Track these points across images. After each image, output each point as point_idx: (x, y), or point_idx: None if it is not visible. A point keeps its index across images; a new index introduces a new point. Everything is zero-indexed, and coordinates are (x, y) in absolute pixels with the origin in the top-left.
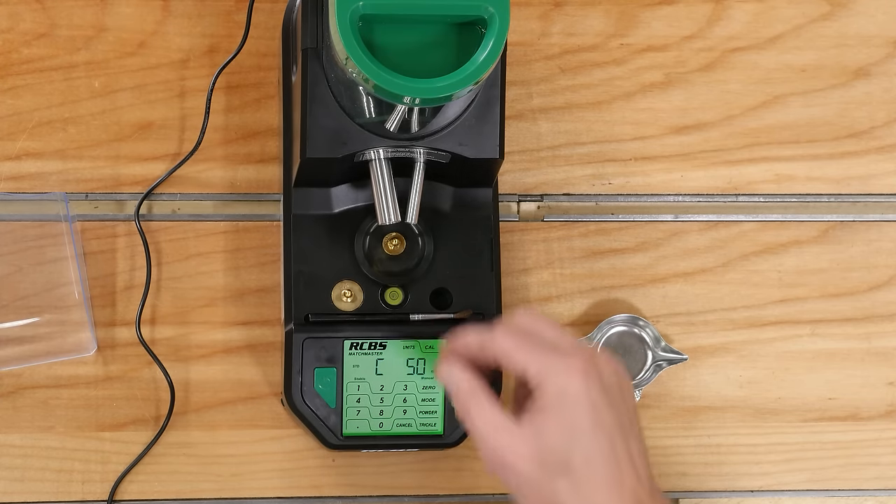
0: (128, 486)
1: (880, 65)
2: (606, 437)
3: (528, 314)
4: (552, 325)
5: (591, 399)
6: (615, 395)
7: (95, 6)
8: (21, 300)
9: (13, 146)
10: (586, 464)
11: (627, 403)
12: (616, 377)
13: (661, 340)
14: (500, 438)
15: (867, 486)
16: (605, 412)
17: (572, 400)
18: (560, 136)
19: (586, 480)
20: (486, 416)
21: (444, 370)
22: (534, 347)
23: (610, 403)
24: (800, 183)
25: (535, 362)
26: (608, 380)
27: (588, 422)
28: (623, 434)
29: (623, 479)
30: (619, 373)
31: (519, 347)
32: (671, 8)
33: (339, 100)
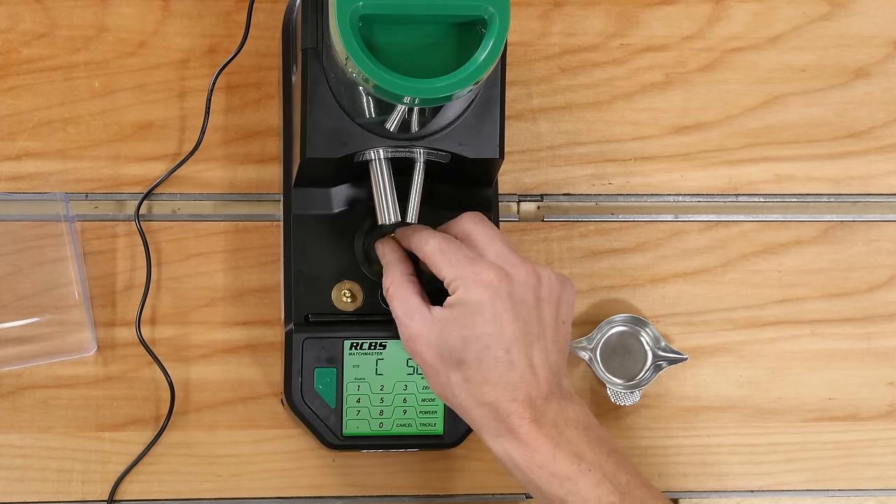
0: (128, 486)
1: (880, 65)
2: (502, 345)
3: (471, 216)
4: (489, 231)
5: (494, 310)
6: (525, 307)
7: (95, 6)
8: (21, 300)
9: (13, 146)
10: (478, 363)
11: (543, 315)
12: (531, 291)
13: (661, 340)
14: (412, 325)
15: (867, 486)
16: (507, 323)
17: (474, 308)
18: (560, 136)
19: (476, 377)
20: (405, 300)
21: (380, 246)
22: (454, 256)
23: (515, 316)
24: (800, 183)
25: (451, 270)
26: (520, 293)
27: (485, 329)
28: (524, 343)
29: (516, 381)
30: (538, 286)
31: (442, 254)
32: (671, 8)
33: (339, 100)
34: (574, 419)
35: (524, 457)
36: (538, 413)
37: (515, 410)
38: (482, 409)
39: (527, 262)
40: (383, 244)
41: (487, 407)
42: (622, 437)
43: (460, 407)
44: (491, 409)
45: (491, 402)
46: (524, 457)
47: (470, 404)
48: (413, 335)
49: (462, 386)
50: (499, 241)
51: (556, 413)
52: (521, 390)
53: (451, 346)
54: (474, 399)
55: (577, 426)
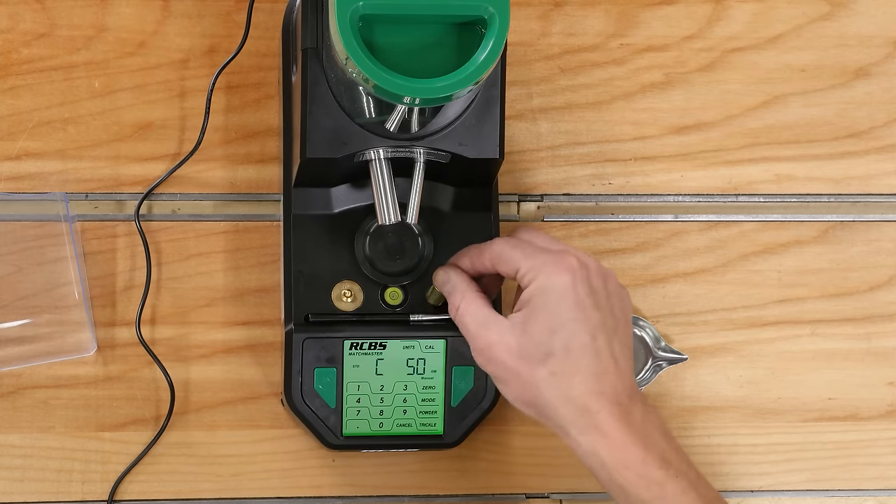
0: (128, 486)
1: (880, 65)
2: (588, 331)
3: (526, 228)
4: (548, 235)
5: (577, 294)
6: (601, 297)
7: (95, 6)
8: (21, 300)
9: (13, 146)
10: (565, 353)
11: (615, 308)
12: (604, 282)
13: (661, 340)
14: (488, 334)
15: (867, 486)
16: (589, 309)
17: (557, 295)
18: (560, 136)
19: (564, 369)
20: (475, 312)
21: (440, 274)
22: (526, 249)
23: (595, 303)
24: (800, 183)
25: (526, 261)
26: (595, 282)
27: (571, 314)
28: (606, 333)
29: (602, 372)
30: (609, 279)
31: (513, 248)
32: (671, 8)
33: (339, 100)
34: (657, 424)
35: (612, 456)
36: (625, 411)
37: (605, 406)
38: (570, 405)
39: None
40: (445, 271)
41: (576, 402)
42: None
43: (547, 405)
44: (579, 403)
45: (579, 395)
46: (612, 456)
47: (558, 401)
48: (490, 343)
49: (549, 381)
50: (559, 242)
51: (643, 415)
52: (607, 382)
53: (536, 341)
54: (562, 394)
55: (662, 431)
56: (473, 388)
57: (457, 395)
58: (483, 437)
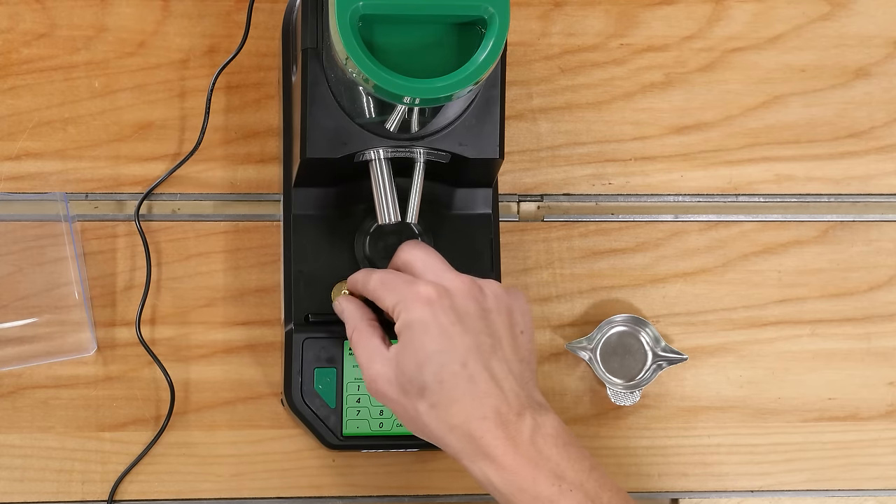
0: (128, 486)
1: (880, 65)
2: (457, 359)
3: (407, 245)
4: (426, 254)
5: (439, 324)
6: (472, 319)
7: (95, 6)
8: (21, 300)
9: (13, 146)
10: (439, 385)
11: (494, 325)
12: (476, 301)
13: (661, 340)
14: (373, 367)
15: (867, 486)
16: (455, 336)
17: (419, 328)
18: (560, 136)
19: (441, 401)
20: (365, 345)
21: (337, 305)
22: (394, 284)
23: (464, 329)
24: (800, 183)
25: (391, 298)
26: (463, 305)
27: (435, 346)
28: (480, 355)
29: (480, 396)
30: (487, 296)
31: (384, 287)
32: (671, 8)
33: (339, 100)
34: (552, 435)
35: (503, 481)
36: (512, 431)
37: (488, 430)
38: (455, 433)
39: (466, 276)
40: (339, 301)
41: (459, 430)
42: (622, 437)
43: (433, 436)
44: (463, 431)
45: (461, 424)
46: (503, 481)
47: (442, 431)
48: (374, 377)
49: (430, 413)
50: (436, 261)
51: (532, 430)
52: (488, 406)
53: (408, 375)
54: (445, 424)
55: (555, 443)
56: None
57: None
58: None
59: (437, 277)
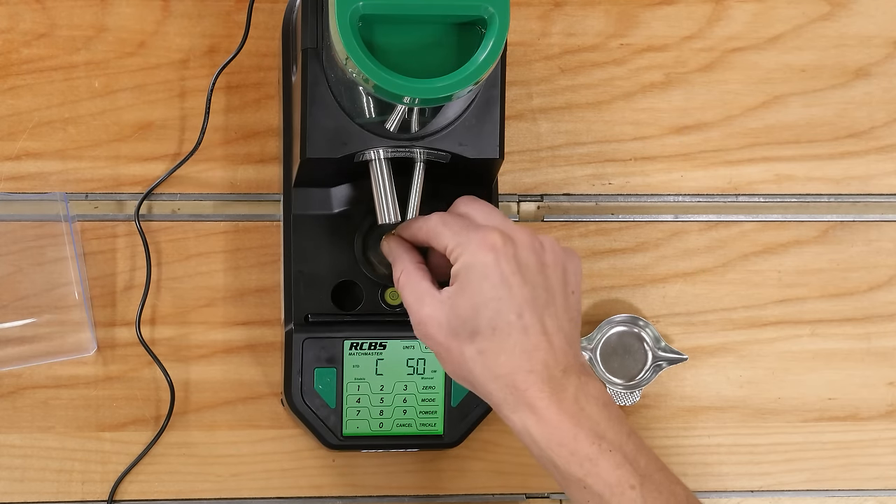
0: (128, 486)
1: (880, 65)
2: (513, 308)
3: (467, 198)
4: (485, 205)
5: (501, 272)
6: (531, 271)
7: (95, 6)
8: (21, 300)
9: (13, 146)
10: (491, 331)
11: (550, 281)
12: (536, 255)
13: (661, 340)
14: (423, 308)
15: (867, 486)
16: (515, 287)
17: (480, 272)
18: (560, 136)
19: (491, 347)
20: (414, 287)
21: (384, 244)
22: (456, 226)
23: (523, 280)
24: (800, 183)
25: (452, 238)
26: (525, 257)
27: (494, 293)
28: (535, 308)
29: (531, 349)
30: (546, 251)
31: (444, 226)
32: (671, 8)
33: (339, 100)
34: (594, 395)
35: (543, 433)
36: (557, 387)
37: (534, 383)
38: (499, 383)
39: (528, 228)
40: (388, 240)
41: (504, 379)
42: None
43: (477, 383)
44: (508, 381)
45: (508, 374)
46: (543, 433)
47: (486, 378)
48: (423, 318)
49: (477, 360)
50: (497, 213)
51: (577, 388)
52: (537, 359)
53: (462, 318)
54: (490, 372)
55: (597, 402)
56: None
57: (457, 395)
58: (483, 437)
59: (500, 226)
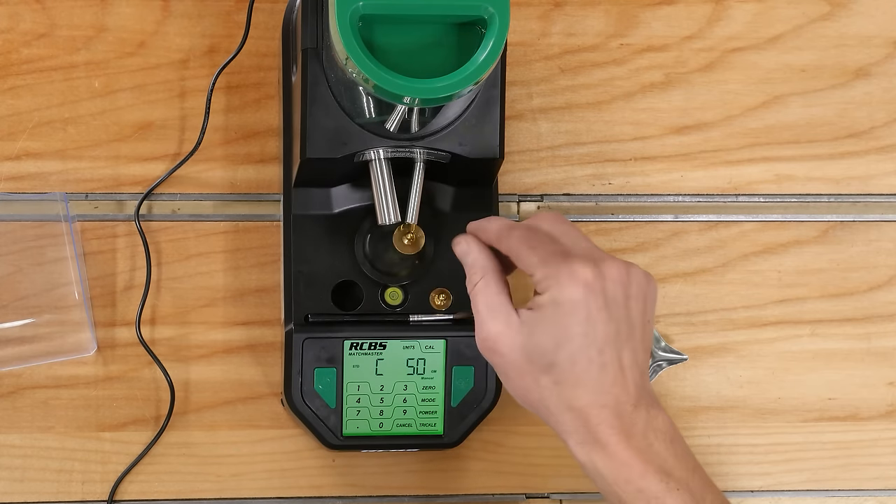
0: (128, 486)
1: (880, 65)
2: (596, 346)
3: (551, 216)
4: (573, 229)
5: (588, 309)
6: (617, 306)
7: (95, 6)
8: (21, 300)
9: (13, 146)
10: (570, 366)
11: (632, 313)
12: (624, 288)
13: (661, 340)
14: (496, 325)
15: (867, 486)
16: (599, 323)
17: (568, 308)
18: (560, 136)
19: (568, 380)
20: (490, 298)
21: (462, 244)
22: (544, 251)
23: (609, 316)
24: (800, 183)
25: (542, 266)
26: (612, 291)
27: (580, 330)
28: (616, 345)
29: (607, 384)
30: (632, 283)
31: (531, 249)
32: (671, 8)
33: (339, 100)
34: (662, 430)
35: (611, 469)
36: (627, 423)
37: (605, 419)
38: (571, 415)
39: (616, 258)
40: (465, 241)
41: (577, 412)
42: None
43: (546, 410)
44: (580, 414)
45: (582, 407)
46: (611, 469)
47: (559, 409)
48: (495, 334)
49: (552, 389)
50: (583, 237)
51: (645, 423)
52: (611, 395)
53: (542, 349)
54: (564, 404)
55: (664, 438)
56: (473, 388)
57: (457, 395)
58: (483, 437)
59: (591, 256)
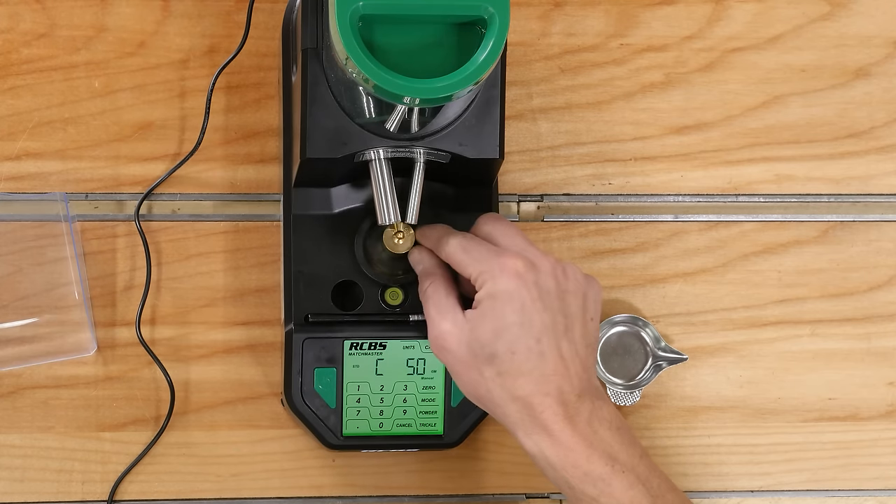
0: (128, 486)
1: (880, 65)
2: (533, 334)
3: (490, 218)
4: (508, 227)
5: (522, 299)
6: (551, 298)
7: (95, 6)
8: (21, 300)
9: (13, 146)
10: (510, 355)
11: (570, 307)
12: (557, 281)
13: (661, 340)
14: (443, 324)
15: (867, 486)
16: (536, 313)
17: (503, 299)
18: (560, 136)
19: (509, 370)
20: (438, 301)
21: (415, 253)
22: (478, 252)
23: (544, 306)
24: (800, 183)
25: (476, 266)
26: (546, 283)
27: (515, 318)
28: (553, 335)
29: (548, 373)
30: (568, 277)
31: (465, 252)
32: (671, 8)
33: (339, 100)
34: (608, 419)
35: (558, 455)
36: (572, 410)
37: (549, 406)
38: (516, 405)
39: (550, 255)
40: (419, 252)
41: (521, 402)
42: None
43: (493, 403)
44: (525, 403)
45: (525, 396)
46: (558, 455)
47: (503, 399)
48: (443, 333)
49: (495, 381)
50: (520, 236)
51: (590, 412)
52: (553, 383)
53: (482, 341)
54: (508, 393)
55: (610, 426)
56: None
57: (457, 395)
58: (483, 437)
59: (524, 252)
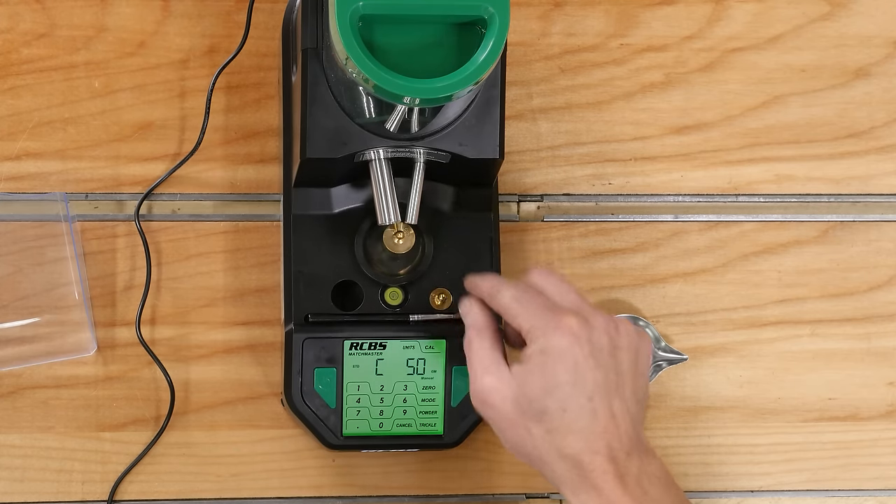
0: (128, 486)
1: (880, 65)
2: (585, 392)
3: (540, 272)
4: (561, 283)
5: (575, 357)
6: (604, 355)
7: (95, 6)
8: (21, 300)
9: (13, 146)
10: (561, 413)
11: (621, 364)
12: (610, 338)
13: (661, 340)
14: (486, 378)
15: (867, 486)
16: (588, 371)
17: (555, 356)
18: (560, 136)
19: (559, 428)
20: (483, 354)
21: (464, 303)
22: (532, 305)
23: (596, 364)
24: (800, 183)
25: (529, 319)
26: (599, 340)
27: (568, 377)
28: (605, 392)
29: (599, 431)
30: (621, 333)
31: (519, 305)
32: (671, 8)
33: (339, 100)
34: (658, 476)
35: None
36: (622, 469)
37: (599, 465)
38: (565, 463)
39: (603, 311)
40: (469, 302)
41: (571, 460)
42: None
43: (540, 460)
44: (574, 462)
45: (574, 454)
46: None
47: (552, 457)
48: (487, 388)
49: (544, 438)
50: (573, 293)
51: (639, 469)
52: (603, 442)
53: (531, 398)
54: (557, 451)
55: (660, 483)
56: None
57: (457, 395)
58: (483, 437)
59: (579, 309)
